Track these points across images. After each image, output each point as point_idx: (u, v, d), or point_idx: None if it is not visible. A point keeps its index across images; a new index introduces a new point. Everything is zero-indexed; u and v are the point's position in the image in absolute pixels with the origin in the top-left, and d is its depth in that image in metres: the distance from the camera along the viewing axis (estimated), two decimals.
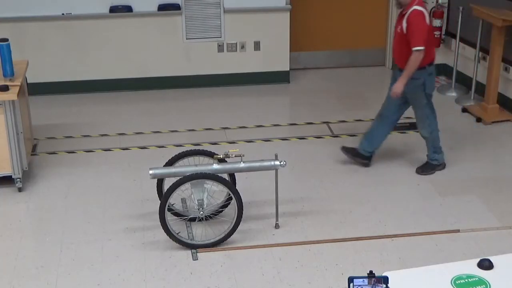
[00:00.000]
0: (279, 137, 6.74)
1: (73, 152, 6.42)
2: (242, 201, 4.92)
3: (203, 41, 7.76)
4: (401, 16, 5.61)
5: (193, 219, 5.15)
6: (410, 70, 5.54)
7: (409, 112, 7.27)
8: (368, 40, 8.46)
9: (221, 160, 5.02)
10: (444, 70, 8.20)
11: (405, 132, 6.81)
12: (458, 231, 5.16)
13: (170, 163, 5.15)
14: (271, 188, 5.12)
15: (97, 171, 6.05)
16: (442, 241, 5.04)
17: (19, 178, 5.67)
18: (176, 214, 5.19)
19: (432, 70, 5.75)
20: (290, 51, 7.95)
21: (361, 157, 6.08)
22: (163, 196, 4.90)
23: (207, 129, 6.92)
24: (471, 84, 7.44)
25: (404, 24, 5.52)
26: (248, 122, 7.05)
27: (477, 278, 3.21)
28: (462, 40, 7.61)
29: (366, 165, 6.09)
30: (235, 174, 5.19)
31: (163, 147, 6.50)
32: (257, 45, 7.85)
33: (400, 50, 5.65)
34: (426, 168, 6.03)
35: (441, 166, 6.06)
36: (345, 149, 6.15)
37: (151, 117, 7.17)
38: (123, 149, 6.42)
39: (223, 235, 4.97)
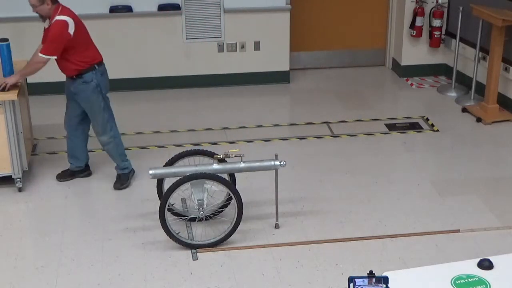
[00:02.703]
0: (279, 137, 6.74)
1: None
2: (242, 201, 4.92)
3: (203, 41, 7.76)
4: (47, 30, 5.42)
5: (193, 219, 5.15)
6: (27, 71, 5.46)
7: (408, 112, 7.28)
8: (368, 40, 8.46)
9: (221, 160, 5.02)
10: (444, 70, 8.21)
11: (405, 132, 6.81)
12: (458, 231, 5.15)
13: (170, 163, 5.15)
14: (271, 188, 5.12)
15: (97, 171, 6.04)
16: (442, 241, 5.04)
17: (19, 178, 5.67)
18: (176, 214, 5.19)
19: (104, 70, 5.62)
20: (290, 51, 7.96)
21: (79, 172, 5.90)
22: (163, 196, 4.90)
23: (207, 129, 6.92)
24: (471, 84, 7.44)
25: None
26: (248, 122, 7.05)
27: (477, 278, 3.21)
28: (462, 40, 7.61)
29: (89, 174, 5.93)
30: (235, 174, 5.19)
31: (163, 147, 6.50)
32: (257, 45, 7.85)
33: (59, 60, 5.46)
34: (122, 181, 5.75)
35: (131, 172, 5.83)
36: (60, 176, 5.88)
37: (151, 117, 7.17)
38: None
39: (223, 235, 4.97)
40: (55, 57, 5.41)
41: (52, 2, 5.33)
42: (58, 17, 5.32)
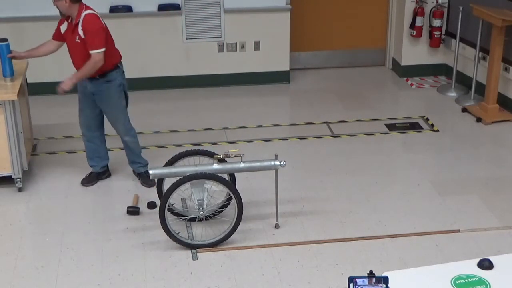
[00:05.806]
0: (279, 137, 6.74)
1: (73, 152, 6.42)
2: (242, 201, 4.92)
3: (203, 41, 7.76)
4: (73, 26, 5.31)
5: (193, 219, 5.15)
6: (86, 72, 5.29)
7: (408, 112, 7.28)
8: (368, 40, 8.46)
9: (221, 160, 5.02)
10: (444, 70, 8.21)
11: (405, 132, 6.81)
12: (458, 231, 5.16)
13: (170, 163, 5.15)
14: (271, 188, 5.12)
15: None
16: (442, 241, 5.04)
17: (19, 178, 5.67)
18: (176, 214, 5.19)
19: (123, 69, 5.57)
20: (290, 51, 7.96)
21: (103, 173, 5.88)
22: (163, 196, 4.90)
23: (207, 129, 6.92)
24: (471, 84, 7.44)
25: (81, 32, 5.26)
26: (248, 122, 7.05)
27: (477, 278, 3.21)
28: (462, 40, 7.61)
29: (109, 175, 5.89)
30: (235, 174, 5.19)
31: (163, 147, 6.50)
32: (257, 45, 7.85)
33: (82, 58, 5.32)
34: (148, 179, 5.58)
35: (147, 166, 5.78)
36: (87, 181, 5.82)
37: (151, 117, 7.17)
38: (123, 149, 6.42)
39: (223, 235, 4.97)
40: (104, 49, 5.28)
41: (71, 1, 5.24)
42: (86, 12, 5.29)
